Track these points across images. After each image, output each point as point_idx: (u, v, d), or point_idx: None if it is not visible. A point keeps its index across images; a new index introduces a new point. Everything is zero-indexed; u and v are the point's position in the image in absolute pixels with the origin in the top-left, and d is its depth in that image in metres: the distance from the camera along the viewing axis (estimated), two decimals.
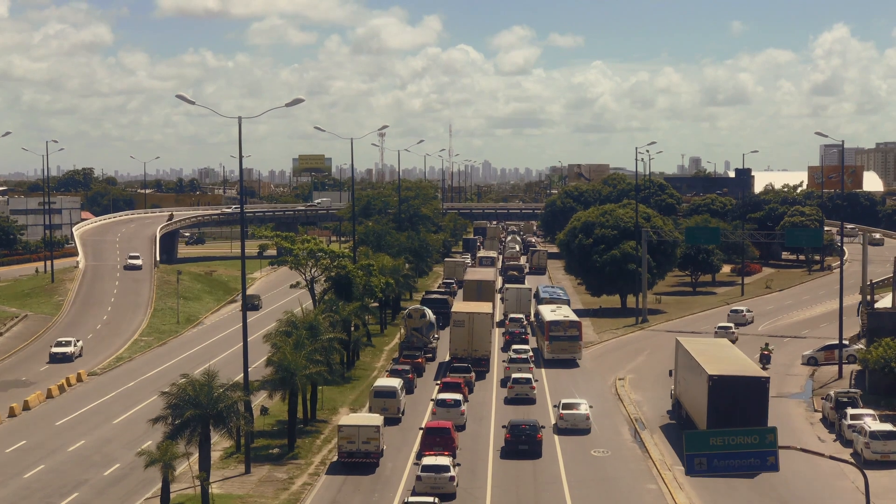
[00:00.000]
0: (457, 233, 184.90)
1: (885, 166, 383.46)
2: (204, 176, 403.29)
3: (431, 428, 54.89)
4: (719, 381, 54.92)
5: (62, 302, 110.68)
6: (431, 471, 47.96)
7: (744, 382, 55.59)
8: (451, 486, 48.03)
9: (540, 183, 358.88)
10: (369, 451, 52.83)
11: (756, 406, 54.41)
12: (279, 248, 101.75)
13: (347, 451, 52.99)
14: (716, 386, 54.77)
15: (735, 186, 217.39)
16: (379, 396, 62.52)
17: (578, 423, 60.52)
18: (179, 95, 54.18)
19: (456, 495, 48.27)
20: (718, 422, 51.95)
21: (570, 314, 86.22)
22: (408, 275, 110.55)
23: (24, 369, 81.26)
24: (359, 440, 52.86)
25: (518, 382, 68.82)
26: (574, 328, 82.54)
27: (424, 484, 47.68)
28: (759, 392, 54.93)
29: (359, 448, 52.82)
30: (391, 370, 73.50)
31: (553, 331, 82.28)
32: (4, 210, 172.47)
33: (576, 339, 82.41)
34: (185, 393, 46.21)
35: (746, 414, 53.61)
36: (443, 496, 46.79)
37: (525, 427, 55.96)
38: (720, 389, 54.70)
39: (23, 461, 55.00)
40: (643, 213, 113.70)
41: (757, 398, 54.68)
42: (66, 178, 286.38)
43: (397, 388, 63.52)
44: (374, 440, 52.97)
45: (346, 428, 53.33)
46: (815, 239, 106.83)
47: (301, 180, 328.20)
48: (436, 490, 47.20)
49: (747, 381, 55.66)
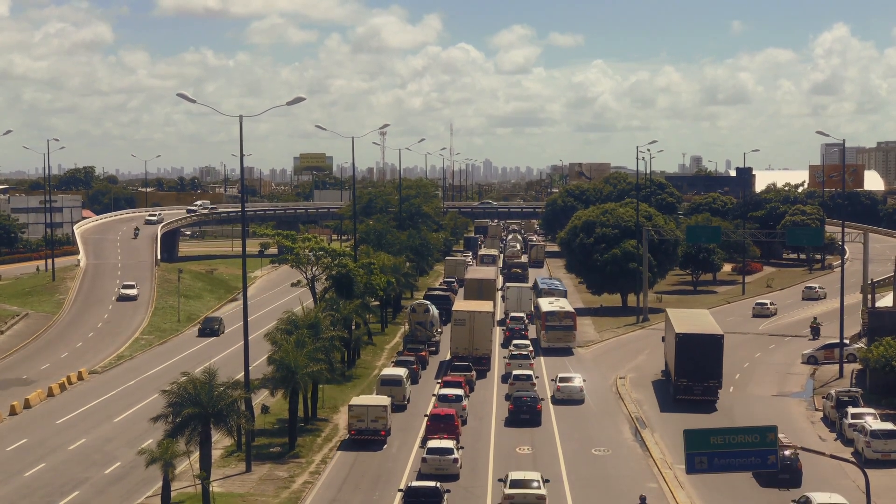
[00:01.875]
0: (458, 231, 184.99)
1: (886, 165, 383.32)
2: (205, 174, 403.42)
3: (436, 415, 57.26)
4: (683, 338, 66.60)
5: (63, 300, 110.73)
6: (436, 453, 50.67)
7: (704, 339, 66.74)
8: (455, 468, 50.66)
9: (541, 182, 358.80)
10: (377, 429, 56.68)
11: (713, 358, 65.87)
12: (280, 246, 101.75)
13: (357, 428, 56.76)
14: (681, 341, 66.44)
15: (736, 185, 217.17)
16: (385, 384, 65.26)
17: (573, 395, 67.86)
18: (181, 94, 54.27)
19: (459, 476, 50.63)
20: (684, 371, 66.00)
21: (567, 306, 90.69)
22: (409, 273, 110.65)
23: (25, 368, 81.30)
24: (368, 419, 56.59)
25: (519, 379, 69.28)
26: (569, 318, 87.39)
27: (429, 465, 50.41)
28: (715, 347, 66.09)
29: (368, 426, 56.59)
30: (397, 361, 76.03)
31: (549, 321, 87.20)
32: (5, 208, 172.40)
33: (570, 329, 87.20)
34: (185, 391, 46.28)
35: (705, 364, 65.70)
36: (447, 477, 49.49)
37: (526, 399, 62.06)
38: (684, 344, 66.28)
39: (23, 459, 55.04)
40: (644, 211, 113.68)
41: (714, 352, 65.93)
42: (68, 176, 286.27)
43: (403, 377, 66.46)
44: (382, 419, 56.84)
45: (356, 407, 57.23)
46: (815, 238, 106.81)
47: (302, 179, 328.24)
48: (440, 471, 49.84)
49: (706, 338, 66.76)
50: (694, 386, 66.17)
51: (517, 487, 46.03)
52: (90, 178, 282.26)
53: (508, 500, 45.57)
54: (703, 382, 66.03)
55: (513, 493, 45.62)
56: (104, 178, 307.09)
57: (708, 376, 65.83)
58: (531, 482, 46.48)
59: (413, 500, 44.88)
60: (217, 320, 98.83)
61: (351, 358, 79.05)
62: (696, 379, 66.03)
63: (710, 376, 65.92)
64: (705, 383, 66.02)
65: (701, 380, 65.97)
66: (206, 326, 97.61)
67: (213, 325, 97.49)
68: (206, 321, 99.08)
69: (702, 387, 66.03)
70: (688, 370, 65.99)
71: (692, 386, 66.16)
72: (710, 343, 66.20)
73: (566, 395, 67.72)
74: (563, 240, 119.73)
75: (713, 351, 65.88)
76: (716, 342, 66.26)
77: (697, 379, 66.01)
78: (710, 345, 66.06)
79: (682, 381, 66.42)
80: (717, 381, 66.10)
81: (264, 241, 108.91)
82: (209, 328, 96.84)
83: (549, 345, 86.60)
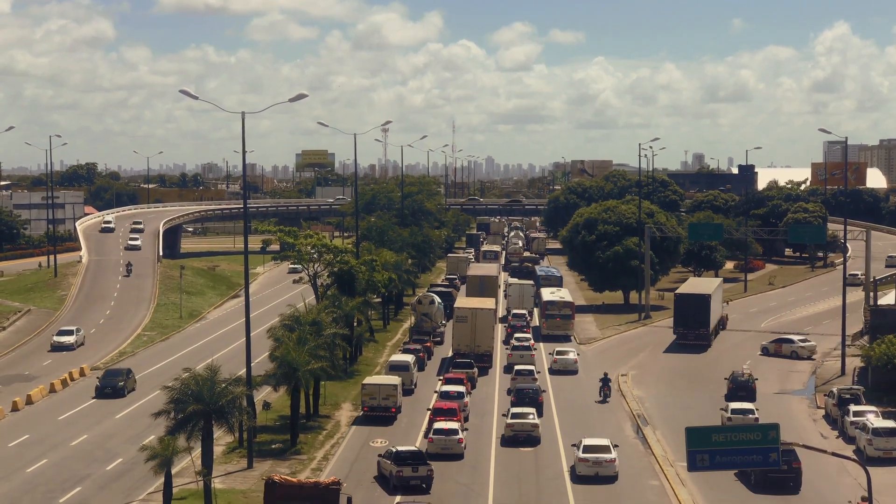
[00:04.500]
0: (460, 228, 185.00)
1: (889, 163, 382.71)
2: (207, 171, 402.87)
3: (439, 408, 58.89)
4: (680, 297, 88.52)
5: (65, 296, 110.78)
6: (442, 434, 53.39)
7: (694, 297, 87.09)
8: (460, 448, 53.43)
9: (543, 179, 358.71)
10: (388, 406, 61.32)
11: (702, 313, 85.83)
12: (282, 243, 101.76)
13: (370, 405, 61.47)
14: (678, 299, 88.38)
15: (738, 183, 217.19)
16: (394, 370, 69.23)
17: (568, 367, 77.42)
18: (183, 90, 54.23)
19: (464, 455, 53.30)
20: (680, 322, 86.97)
21: (566, 296, 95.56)
22: (411, 270, 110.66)
23: (27, 364, 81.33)
24: (379, 396, 61.33)
25: (521, 374, 69.94)
26: (567, 308, 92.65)
27: (435, 445, 53.15)
28: (703, 304, 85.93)
29: (379, 403, 61.27)
30: (404, 349, 79.85)
31: (549, 310, 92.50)
32: (8, 204, 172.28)
33: (569, 318, 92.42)
34: (187, 388, 46.26)
35: (696, 317, 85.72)
36: (452, 456, 52.73)
37: (528, 391, 63.91)
38: (680, 301, 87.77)
39: (25, 456, 55.07)
40: (646, 209, 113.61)
41: (702, 308, 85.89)
42: (70, 172, 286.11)
43: (410, 363, 70.87)
44: (393, 396, 61.52)
45: (368, 386, 62.31)
46: (818, 235, 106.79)
47: (304, 175, 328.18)
48: (445, 451, 52.82)
49: (696, 297, 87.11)
50: (688, 333, 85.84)
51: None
52: (92, 175, 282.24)
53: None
54: (695, 330, 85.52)
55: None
56: (106, 175, 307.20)
57: (699, 325, 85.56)
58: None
59: (400, 462, 48.23)
60: (122, 374, 70.67)
61: (353, 355, 79.02)
62: (689, 327, 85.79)
63: (700, 325, 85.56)
64: (697, 331, 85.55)
65: (694, 328, 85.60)
66: (105, 384, 69.05)
67: (117, 381, 69.35)
68: (107, 376, 70.48)
69: (694, 333, 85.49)
70: (684, 321, 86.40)
71: (687, 333, 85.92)
72: (699, 300, 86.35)
73: (562, 367, 77.13)
74: (565, 237, 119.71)
75: (702, 306, 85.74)
76: (704, 300, 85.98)
77: (691, 327, 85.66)
78: (700, 302, 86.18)
79: (680, 329, 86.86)
80: (705, 330, 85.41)
81: (266, 238, 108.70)
82: (110, 386, 68.71)
83: (548, 332, 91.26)
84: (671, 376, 76.42)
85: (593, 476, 49.65)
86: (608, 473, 49.73)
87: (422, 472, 47.88)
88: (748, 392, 66.91)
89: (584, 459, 49.96)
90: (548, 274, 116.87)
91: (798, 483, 48.30)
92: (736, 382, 67.93)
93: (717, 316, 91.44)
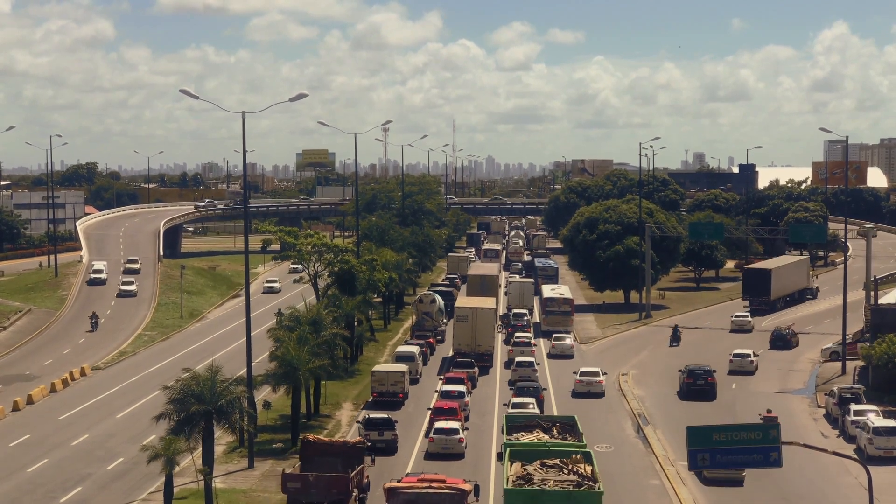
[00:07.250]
0: (460, 228, 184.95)
1: (889, 162, 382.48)
2: (207, 171, 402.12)
3: (439, 408, 58.94)
4: (747, 270, 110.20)
5: (66, 296, 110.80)
6: (443, 433, 53.80)
7: (758, 271, 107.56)
8: (460, 447, 53.68)
9: (543, 178, 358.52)
10: (396, 392, 64.94)
11: (764, 284, 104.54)
12: (283, 242, 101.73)
13: (379, 391, 64.95)
14: (745, 273, 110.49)
15: (739, 182, 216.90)
16: (400, 360, 71.32)
17: (566, 351, 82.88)
18: (183, 90, 54.24)
19: (464, 455, 53.30)
20: (748, 290, 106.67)
21: (566, 293, 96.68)
22: (411, 270, 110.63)
23: (27, 364, 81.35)
24: (388, 383, 64.85)
25: (521, 366, 71.42)
26: (567, 304, 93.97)
27: (436, 444, 53.60)
28: (765, 277, 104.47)
29: (388, 389, 64.86)
30: (408, 343, 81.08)
31: (549, 306, 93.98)
32: (8, 204, 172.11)
33: (568, 314, 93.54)
34: (188, 388, 46.21)
35: (759, 287, 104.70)
36: (453, 456, 53.05)
37: (530, 389, 64.51)
38: (748, 275, 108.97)
39: (26, 455, 55.07)
40: (647, 208, 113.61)
41: (764, 280, 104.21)
42: (70, 172, 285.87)
43: (416, 353, 73.50)
44: (400, 383, 65.07)
45: (377, 373, 65.84)
46: (818, 235, 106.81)
47: (305, 175, 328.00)
48: (446, 450, 53.19)
49: (760, 271, 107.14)
50: (753, 300, 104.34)
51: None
52: (92, 175, 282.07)
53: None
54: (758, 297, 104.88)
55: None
56: (107, 175, 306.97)
57: (761, 293, 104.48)
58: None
59: (369, 427, 53.74)
60: None
61: (353, 354, 79.06)
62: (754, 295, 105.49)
63: (763, 293, 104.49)
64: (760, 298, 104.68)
65: (756, 296, 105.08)
66: None
67: None
68: None
69: (758, 301, 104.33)
70: (750, 290, 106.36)
71: (752, 300, 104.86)
72: (762, 274, 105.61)
73: (559, 351, 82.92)
74: (566, 236, 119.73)
75: (764, 279, 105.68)
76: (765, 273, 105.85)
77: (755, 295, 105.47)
78: (762, 275, 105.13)
79: (747, 297, 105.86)
80: (767, 297, 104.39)
81: (266, 238, 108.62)
82: None
83: (548, 328, 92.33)
84: (672, 375, 76.32)
85: (586, 392, 67.78)
86: (597, 391, 68.09)
87: (387, 436, 54.00)
88: (784, 342, 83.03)
89: (580, 381, 68.48)
90: (545, 265, 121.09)
91: (713, 393, 67.61)
92: (776, 334, 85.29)
93: (789, 288, 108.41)
